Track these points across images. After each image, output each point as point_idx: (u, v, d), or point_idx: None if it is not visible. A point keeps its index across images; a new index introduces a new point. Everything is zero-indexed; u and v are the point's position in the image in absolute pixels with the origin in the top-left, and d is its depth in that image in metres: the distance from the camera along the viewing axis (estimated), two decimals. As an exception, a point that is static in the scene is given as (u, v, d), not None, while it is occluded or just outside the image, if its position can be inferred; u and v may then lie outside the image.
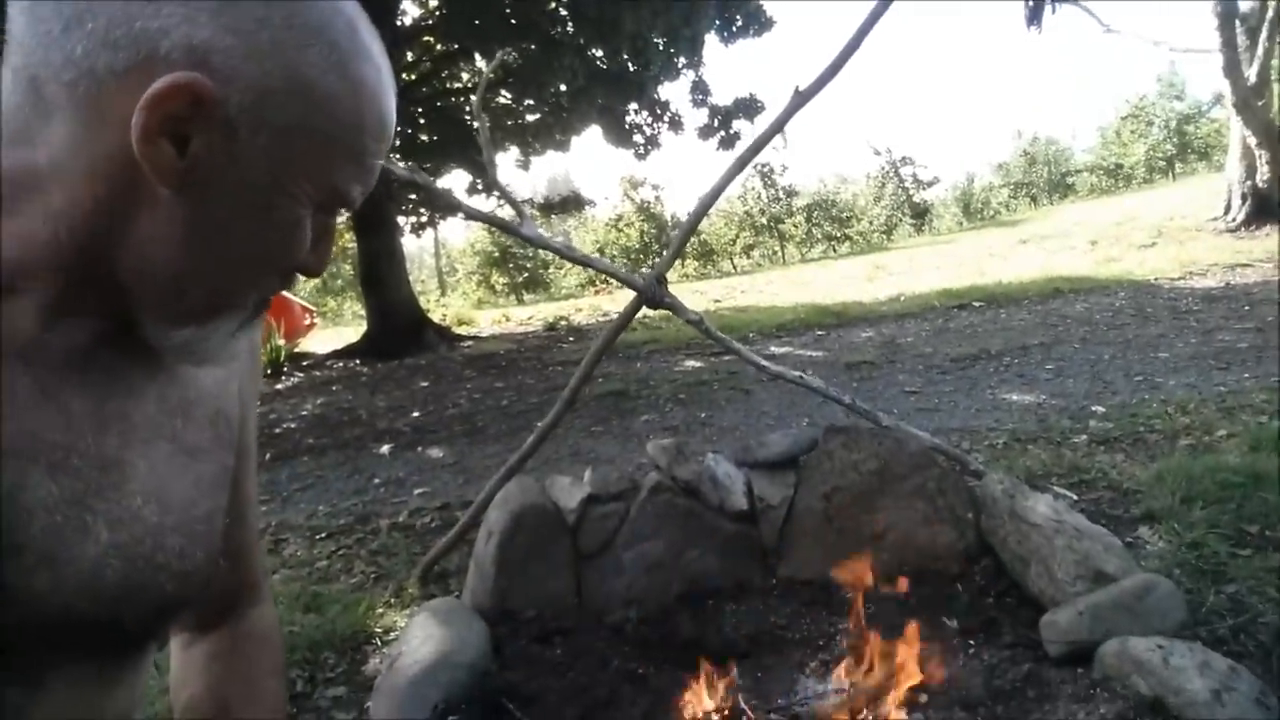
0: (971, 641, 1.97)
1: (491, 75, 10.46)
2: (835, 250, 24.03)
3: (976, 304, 8.38)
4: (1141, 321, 6.32)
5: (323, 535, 3.48)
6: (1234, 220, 10.72)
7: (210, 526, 0.59)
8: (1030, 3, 10.79)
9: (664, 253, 3.19)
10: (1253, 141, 10.17)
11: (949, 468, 2.45)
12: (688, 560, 2.31)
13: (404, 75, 10.58)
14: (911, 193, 26.18)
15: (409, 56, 10.72)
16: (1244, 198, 10.66)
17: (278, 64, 0.45)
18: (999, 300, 8.41)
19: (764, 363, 2.60)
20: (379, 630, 2.49)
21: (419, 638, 2.01)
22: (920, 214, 26.04)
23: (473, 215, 2.73)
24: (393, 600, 2.69)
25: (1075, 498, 2.80)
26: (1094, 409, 4.02)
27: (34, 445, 0.46)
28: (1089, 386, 4.56)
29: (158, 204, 0.46)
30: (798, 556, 2.36)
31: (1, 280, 0.45)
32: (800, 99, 2.32)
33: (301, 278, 0.59)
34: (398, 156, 10.53)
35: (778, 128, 2.34)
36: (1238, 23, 10.12)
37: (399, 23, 10.15)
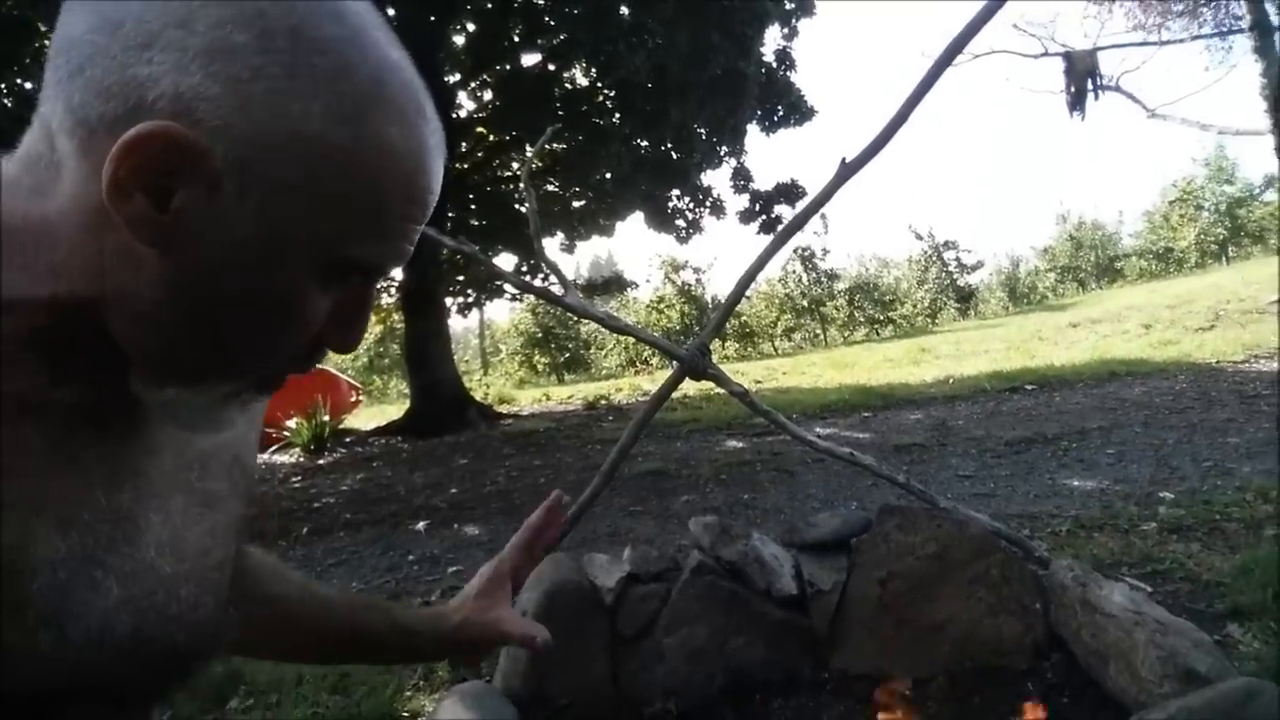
0: (1048, 748, 1.79)
1: (541, 160, 10.86)
2: (878, 333, 23.81)
3: (1028, 387, 8.14)
4: (1206, 405, 6.04)
5: (354, 612, 3.39)
6: (1297, 303, 10.36)
7: (222, 574, 0.57)
8: (1072, 89, 10.93)
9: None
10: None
11: (1012, 554, 2.29)
12: (732, 648, 2.17)
13: (458, 165, 11.03)
14: (955, 277, 26.03)
15: (463, 147, 11.19)
16: (1307, 280, 10.33)
17: (273, 116, 0.41)
18: (1052, 383, 8.16)
19: (812, 438, 2.50)
20: (406, 714, 2.37)
21: (446, 724, 1.90)
22: (965, 298, 25.80)
23: (518, 284, 2.74)
24: (422, 683, 2.57)
25: (1150, 589, 2.60)
26: (1162, 495, 3.79)
27: (42, 501, 0.43)
28: (1154, 472, 4.32)
29: (144, 262, 0.43)
30: (851, 647, 2.20)
31: (7, 333, 0.43)
32: (847, 170, 2.30)
33: (346, 353, 0.54)
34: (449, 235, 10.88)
35: (826, 197, 2.32)
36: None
37: (454, 115, 10.66)
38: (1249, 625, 2.23)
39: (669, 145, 10.54)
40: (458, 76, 10.79)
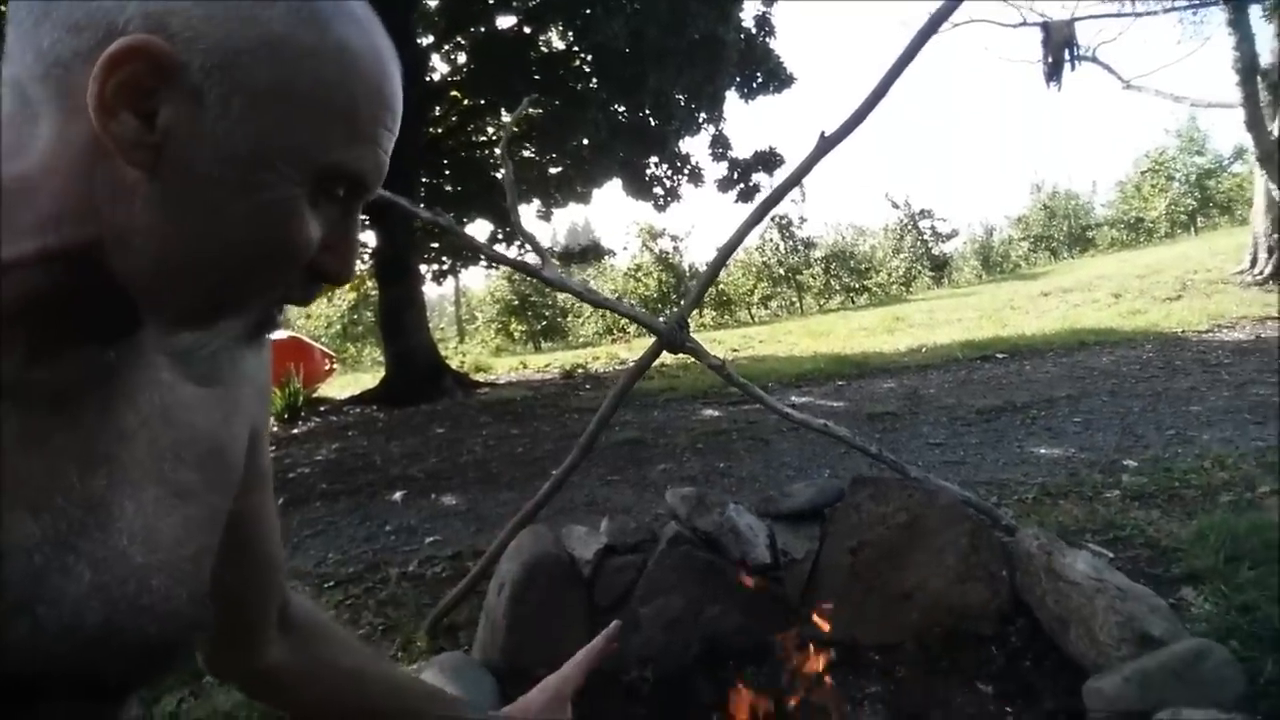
0: (1009, 708, 1.86)
1: (517, 126, 10.69)
2: (854, 301, 23.97)
3: (999, 356, 8.27)
4: (1170, 374, 6.18)
5: (331, 584, 3.40)
6: (1260, 273, 10.59)
7: (197, 568, 0.56)
8: (1049, 59, 10.93)
9: (682, 302, 3.22)
10: (1278, 195, 10.09)
11: (980, 522, 2.35)
12: (708, 617, 2.21)
13: (431, 129, 10.81)
14: (930, 245, 26.19)
15: (436, 111, 10.97)
16: (1270, 251, 10.56)
17: (243, 22, 0.42)
18: (1022, 352, 8.29)
19: (788, 410, 2.53)
20: (385, 684, 2.40)
21: (426, 694, 1.92)
22: (939, 266, 25.99)
23: (494, 257, 2.72)
24: (400, 654, 2.60)
25: (1111, 555, 2.68)
26: (1126, 463, 3.89)
27: (16, 486, 0.43)
28: (1119, 440, 4.43)
29: (137, 190, 0.43)
30: (823, 615, 2.25)
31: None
32: (826, 144, 2.30)
33: (341, 284, 0.54)
34: (424, 206, 10.72)
35: (804, 171, 2.32)
36: (1259, 78, 10.15)
37: (428, 79, 10.43)
38: (1202, 589, 2.31)
39: (647, 111, 10.43)
40: (431, 39, 10.54)
